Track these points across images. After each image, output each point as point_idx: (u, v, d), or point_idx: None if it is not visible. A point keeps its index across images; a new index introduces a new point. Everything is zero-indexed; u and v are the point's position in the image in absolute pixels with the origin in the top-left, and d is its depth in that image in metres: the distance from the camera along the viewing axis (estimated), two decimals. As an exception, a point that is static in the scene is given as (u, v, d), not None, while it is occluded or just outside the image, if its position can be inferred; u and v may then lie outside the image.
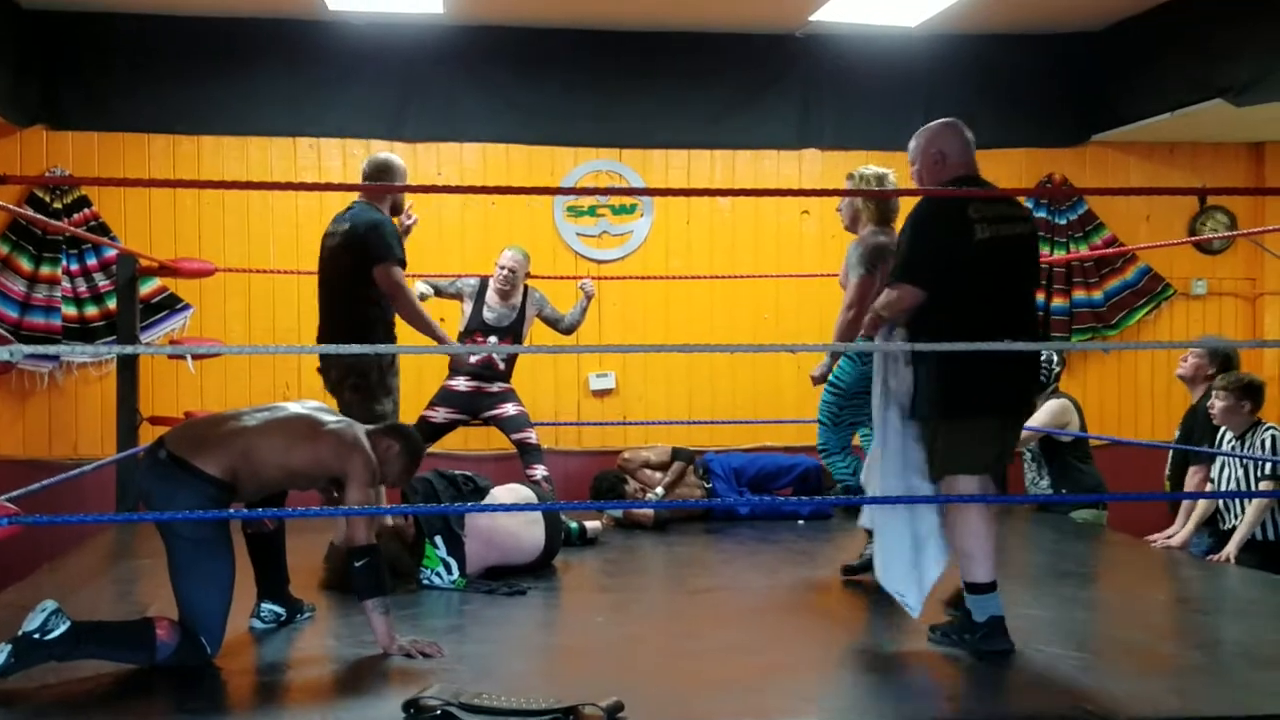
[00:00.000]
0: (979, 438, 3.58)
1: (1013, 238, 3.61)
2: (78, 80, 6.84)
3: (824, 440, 4.91)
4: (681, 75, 7.27)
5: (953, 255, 3.54)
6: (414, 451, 3.85)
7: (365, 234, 4.76)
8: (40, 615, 3.22)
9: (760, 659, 3.71)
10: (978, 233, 3.53)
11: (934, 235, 3.59)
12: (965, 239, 3.53)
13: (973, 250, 3.53)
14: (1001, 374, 3.55)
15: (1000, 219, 3.59)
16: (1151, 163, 7.64)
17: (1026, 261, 3.72)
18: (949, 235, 3.55)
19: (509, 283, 6.06)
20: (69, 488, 4.93)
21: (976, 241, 3.53)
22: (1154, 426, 7.60)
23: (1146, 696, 3.13)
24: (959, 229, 3.53)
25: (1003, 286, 3.61)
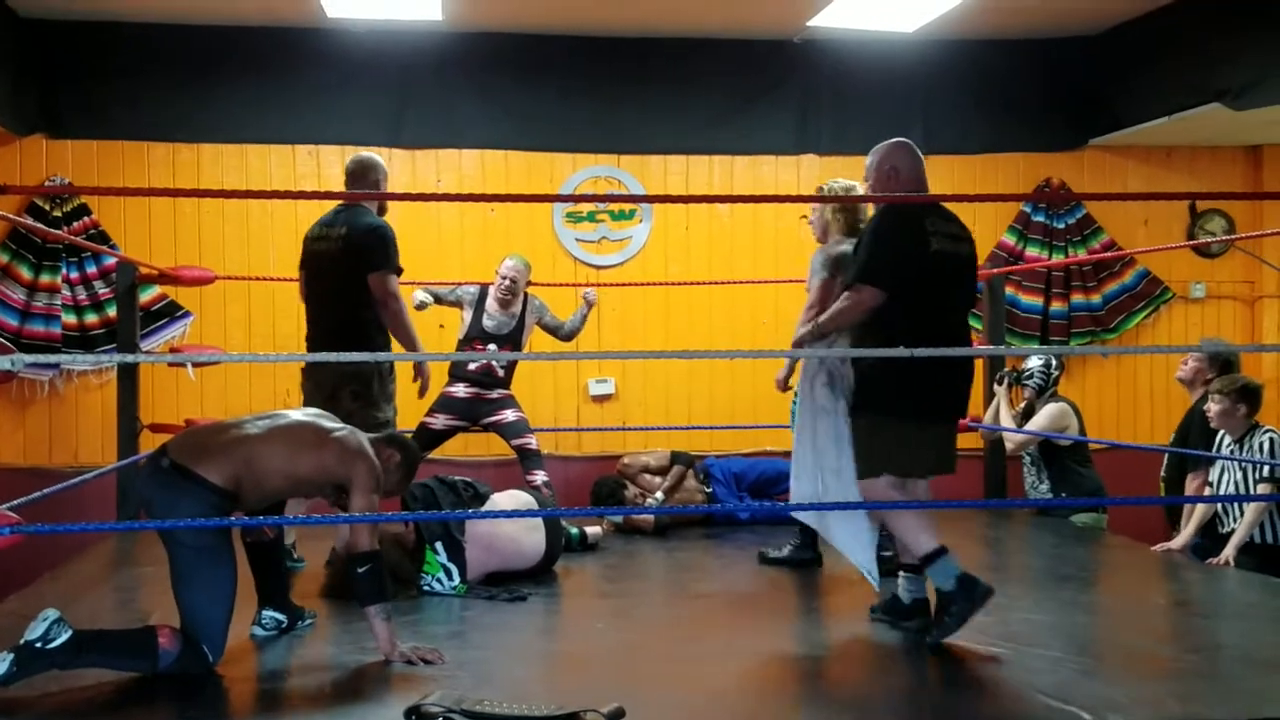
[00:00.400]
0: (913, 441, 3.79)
1: (959, 255, 3.85)
2: (77, 89, 6.85)
3: None
4: (680, 81, 7.28)
5: (910, 263, 3.73)
6: (412, 461, 3.88)
7: (365, 238, 4.73)
8: (42, 624, 3.23)
9: (762, 664, 3.71)
10: (933, 244, 3.74)
11: (895, 242, 3.76)
12: (922, 249, 3.73)
13: (928, 261, 3.73)
14: (940, 381, 3.76)
15: (951, 236, 3.82)
16: (1149, 167, 7.65)
17: (968, 278, 3.96)
18: (908, 243, 3.74)
19: (510, 292, 6.07)
20: (70, 496, 4.93)
21: (932, 253, 3.74)
22: (1153, 430, 7.61)
23: (1147, 700, 3.14)
24: (917, 239, 3.73)
25: (947, 298, 3.84)
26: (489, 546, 4.66)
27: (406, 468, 3.85)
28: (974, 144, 7.52)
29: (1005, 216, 7.61)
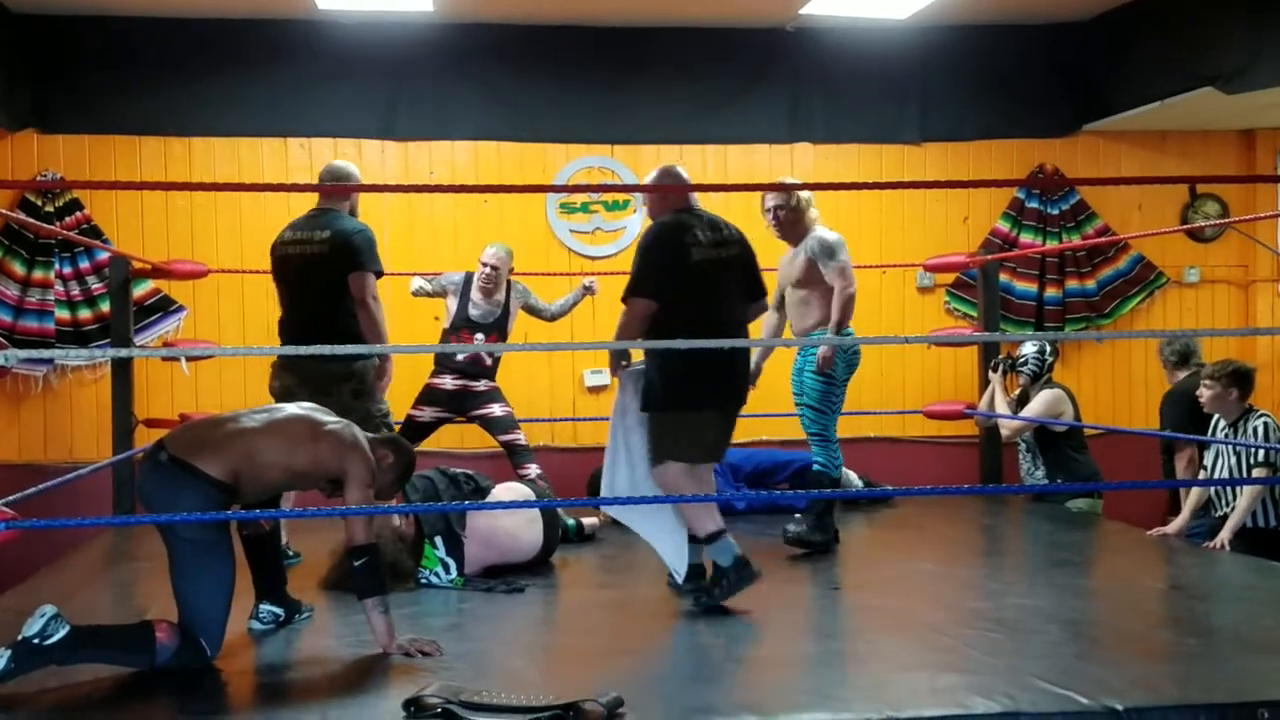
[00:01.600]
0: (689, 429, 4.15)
1: (723, 260, 4.23)
2: (68, 83, 6.83)
3: (822, 426, 5.15)
4: (673, 70, 7.27)
5: (673, 274, 4.13)
6: (406, 465, 3.87)
7: (351, 240, 4.83)
8: (39, 620, 3.22)
9: (759, 652, 3.73)
10: (693, 255, 4.15)
11: (658, 257, 4.18)
12: (682, 261, 4.13)
13: (690, 270, 4.14)
14: (708, 375, 4.13)
15: (713, 244, 4.22)
16: (1143, 151, 7.65)
17: (739, 279, 4.32)
18: (670, 257, 4.15)
19: (492, 281, 6.04)
20: (65, 491, 4.93)
21: (693, 263, 4.14)
22: (1148, 415, 7.60)
23: (1143, 683, 3.14)
24: (678, 253, 4.14)
25: (715, 301, 4.20)
26: (488, 542, 4.66)
27: (400, 469, 3.83)
28: (968, 130, 7.52)
29: (999, 203, 7.60)
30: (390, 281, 6.45)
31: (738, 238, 4.38)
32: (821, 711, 2.95)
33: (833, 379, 5.11)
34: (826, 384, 5.11)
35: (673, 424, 4.16)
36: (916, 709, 2.95)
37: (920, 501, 6.55)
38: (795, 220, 5.15)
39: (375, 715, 2.96)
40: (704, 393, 4.16)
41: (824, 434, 5.17)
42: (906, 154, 7.47)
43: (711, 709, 3.00)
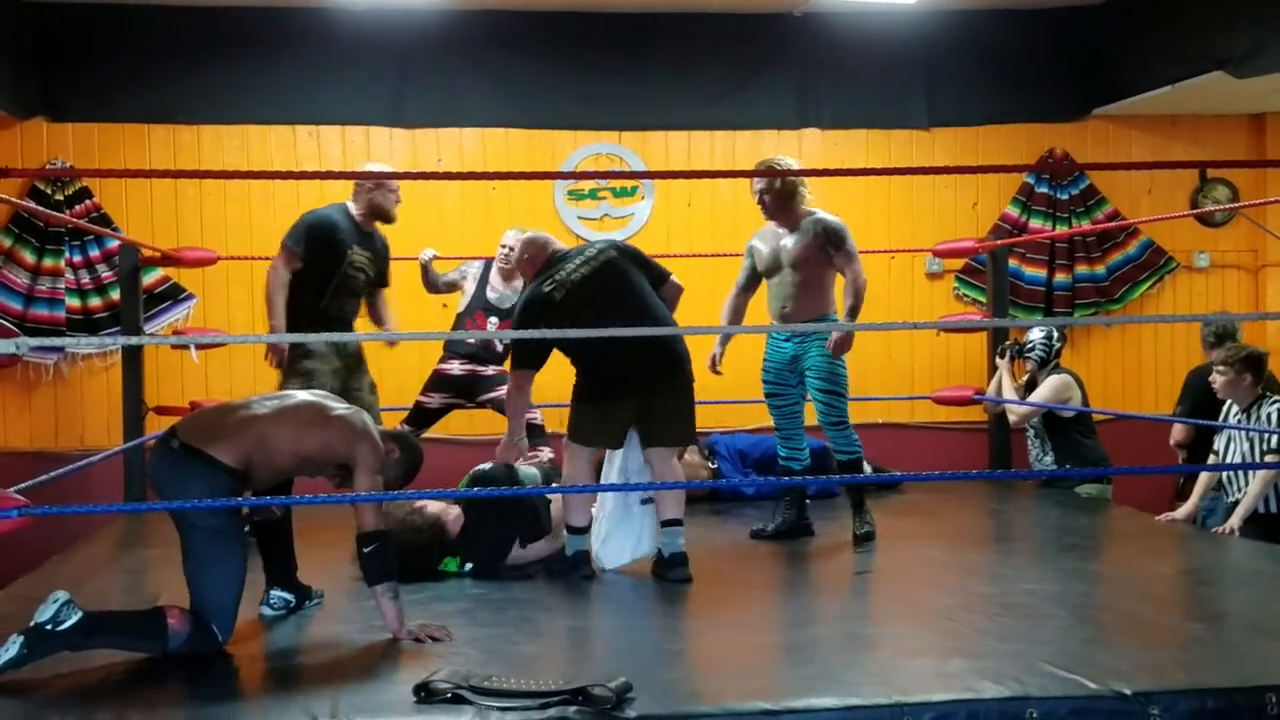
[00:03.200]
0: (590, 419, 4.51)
1: (585, 278, 4.47)
2: (77, 72, 6.84)
3: (840, 412, 5.11)
4: (681, 56, 7.25)
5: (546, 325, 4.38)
6: (412, 463, 3.86)
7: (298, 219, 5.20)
8: (52, 606, 3.25)
9: (768, 639, 3.73)
10: (556, 296, 4.43)
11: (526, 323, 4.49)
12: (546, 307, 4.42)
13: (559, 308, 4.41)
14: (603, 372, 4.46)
15: (569, 274, 4.48)
16: (1153, 136, 7.62)
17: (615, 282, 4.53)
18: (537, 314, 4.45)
19: (510, 261, 6.04)
20: (76, 479, 4.96)
21: (560, 301, 4.42)
22: (1158, 400, 7.60)
23: (1152, 668, 3.15)
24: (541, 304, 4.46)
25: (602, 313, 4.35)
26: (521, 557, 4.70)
27: (406, 466, 3.84)
28: (976, 115, 7.49)
29: (1008, 188, 7.58)
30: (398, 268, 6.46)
31: (602, 249, 4.62)
32: (830, 696, 2.95)
33: (842, 363, 5.06)
34: (843, 367, 5.06)
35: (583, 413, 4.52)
36: (925, 694, 2.96)
37: (929, 487, 6.55)
38: (782, 203, 5.05)
39: (386, 700, 2.97)
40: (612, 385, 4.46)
41: (843, 419, 5.10)
42: (915, 139, 7.45)
43: (720, 694, 3.01)
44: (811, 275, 5.05)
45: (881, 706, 2.90)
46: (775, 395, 5.24)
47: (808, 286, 5.06)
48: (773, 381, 5.23)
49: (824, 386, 5.05)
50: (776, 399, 5.24)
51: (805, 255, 5.03)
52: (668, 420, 4.55)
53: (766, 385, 5.26)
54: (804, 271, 5.04)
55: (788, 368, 5.17)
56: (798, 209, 5.08)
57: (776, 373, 5.21)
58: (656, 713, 2.85)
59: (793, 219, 5.08)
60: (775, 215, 5.12)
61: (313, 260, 5.13)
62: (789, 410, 5.23)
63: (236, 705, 3.02)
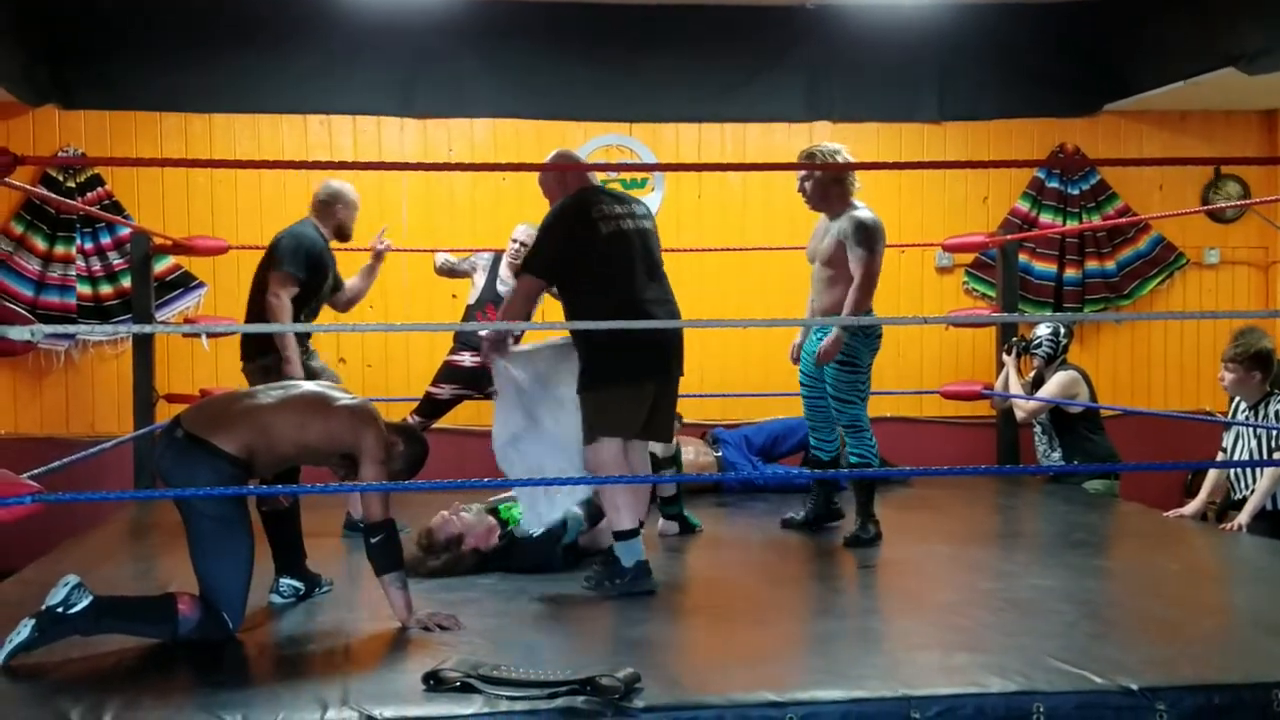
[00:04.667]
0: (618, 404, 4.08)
1: (638, 231, 4.20)
2: (89, 59, 6.85)
3: (853, 417, 4.99)
4: (692, 49, 7.24)
5: (580, 248, 4.09)
6: (416, 457, 3.85)
7: (280, 241, 5.12)
8: (63, 590, 3.27)
9: (775, 631, 3.74)
10: (602, 229, 4.09)
11: (558, 234, 4.14)
12: (590, 234, 4.08)
13: (599, 245, 4.08)
14: (633, 347, 4.04)
15: (621, 216, 4.17)
16: (1164, 132, 7.60)
17: (652, 247, 4.27)
18: (573, 233, 4.11)
19: (519, 256, 6.06)
20: (87, 466, 4.97)
21: (603, 236, 4.08)
22: (1166, 396, 7.61)
23: (1159, 664, 3.15)
24: (583, 227, 4.10)
25: (630, 272, 4.14)
26: None
27: (410, 459, 3.82)
28: (988, 110, 7.48)
29: (1019, 183, 7.57)
30: (408, 259, 6.52)
31: (647, 211, 4.36)
32: (836, 689, 2.96)
33: (857, 366, 4.92)
34: (851, 372, 4.90)
35: (604, 400, 4.10)
36: (931, 688, 2.96)
37: (936, 482, 6.55)
38: (823, 193, 4.92)
39: (395, 688, 2.99)
40: (635, 366, 4.09)
41: (857, 423, 4.97)
42: (926, 133, 7.44)
43: (726, 685, 3.01)
44: (837, 273, 4.89)
45: (888, 700, 2.91)
46: (805, 385, 5.17)
47: (834, 283, 4.91)
48: (805, 372, 5.15)
49: (833, 390, 4.96)
50: (806, 389, 5.17)
51: (831, 252, 4.90)
52: (664, 414, 4.32)
53: (801, 374, 5.19)
54: (830, 267, 4.92)
55: (806, 362, 5.14)
56: (838, 200, 4.92)
57: (807, 363, 5.12)
58: (664, 703, 2.86)
59: (835, 209, 4.93)
60: (817, 205, 5.00)
61: (304, 284, 5.12)
62: (815, 401, 5.14)
63: (247, 692, 3.04)
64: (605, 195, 4.26)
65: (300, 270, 5.08)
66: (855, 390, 4.96)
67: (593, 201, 4.16)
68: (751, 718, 2.84)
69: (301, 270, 5.08)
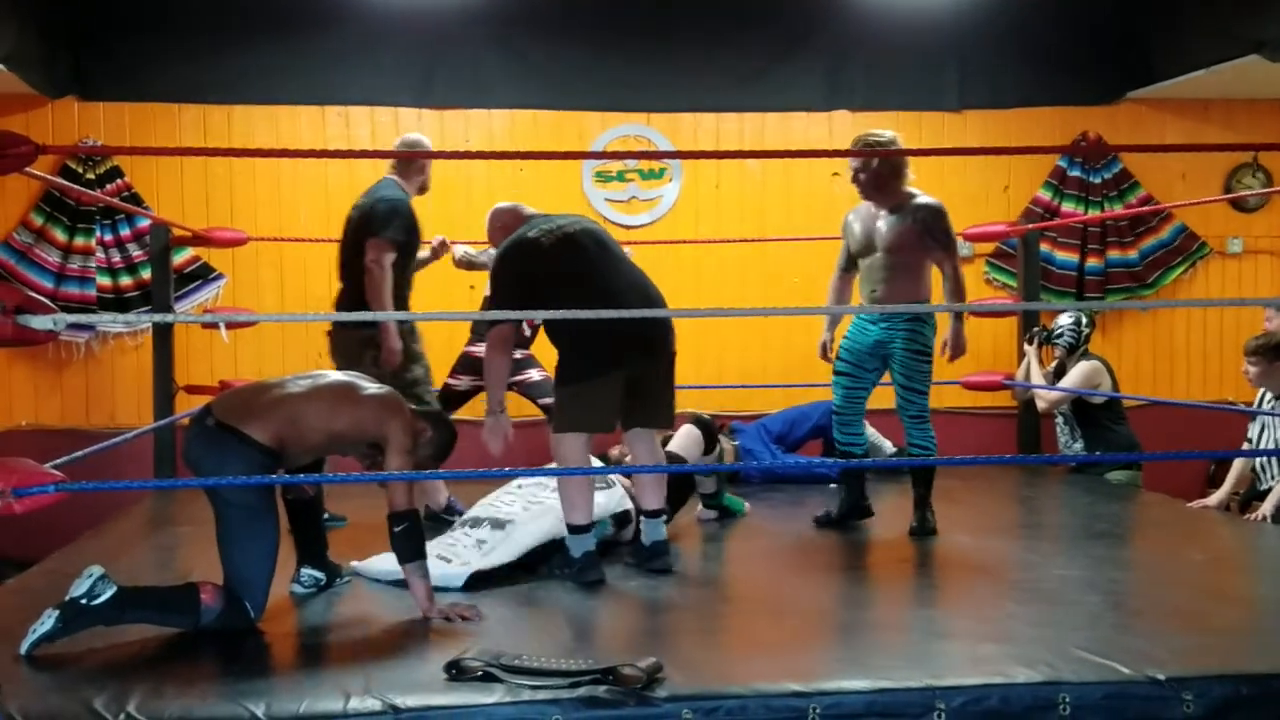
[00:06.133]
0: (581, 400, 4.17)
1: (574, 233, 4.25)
2: (108, 50, 6.85)
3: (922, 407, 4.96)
4: (710, 37, 7.21)
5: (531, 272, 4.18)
6: (445, 442, 3.84)
7: (374, 207, 4.99)
8: (87, 581, 3.28)
9: (799, 622, 3.72)
10: (543, 242, 4.19)
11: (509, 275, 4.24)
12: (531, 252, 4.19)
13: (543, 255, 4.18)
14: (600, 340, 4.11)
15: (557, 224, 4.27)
16: (1186, 120, 7.53)
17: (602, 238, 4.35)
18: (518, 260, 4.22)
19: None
20: (107, 457, 4.98)
21: (544, 248, 4.18)
22: (1189, 386, 7.55)
23: (1186, 654, 3.12)
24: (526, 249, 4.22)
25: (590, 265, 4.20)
26: None
27: (439, 445, 3.81)
28: (1008, 98, 7.42)
29: (1040, 172, 7.52)
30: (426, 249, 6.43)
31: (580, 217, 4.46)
32: (861, 680, 2.95)
33: (930, 354, 4.88)
34: (927, 361, 4.86)
35: (568, 395, 4.21)
36: (957, 678, 2.95)
37: (958, 473, 6.51)
38: (881, 182, 4.81)
39: (417, 677, 2.98)
40: (601, 359, 4.14)
41: (925, 413, 4.92)
42: (946, 121, 7.39)
43: (750, 675, 3.00)
44: (906, 261, 4.80)
45: (913, 690, 2.89)
46: (848, 376, 4.99)
47: (902, 272, 4.81)
48: (849, 362, 4.98)
49: (908, 381, 4.86)
50: (848, 379, 4.99)
51: (902, 240, 4.79)
52: (653, 400, 4.32)
53: (841, 364, 5.01)
54: (899, 256, 4.81)
55: (869, 351, 4.93)
56: (898, 189, 4.82)
57: (856, 354, 4.96)
58: (686, 692, 2.85)
59: (891, 199, 4.84)
60: (871, 195, 4.89)
61: (401, 248, 5.04)
62: (857, 394, 5.00)
63: (270, 681, 3.04)
64: (537, 218, 4.38)
65: (400, 234, 4.99)
66: (929, 379, 4.92)
67: (527, 228, 4.28)
68: (775, 708, 2.83)
69: (401, 234, 4.99)
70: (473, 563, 4.12)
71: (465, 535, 4.35)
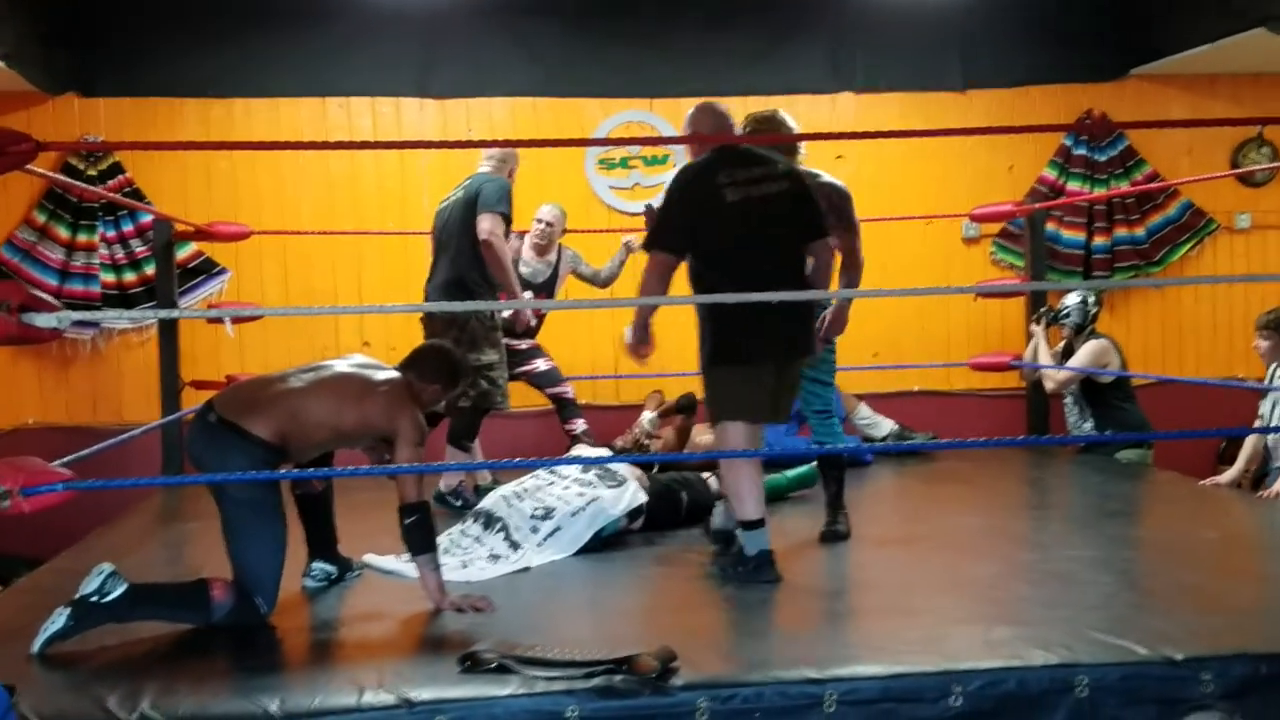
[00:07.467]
0: (742, 386, 3.90)
1: (765, 198, 3.88)
2: (108, 47, 6.83)
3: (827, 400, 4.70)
4: (710, 21, 7.16)
5: (700, 220, 3.87)
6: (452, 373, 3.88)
7: (483, 187, 5.18)
8: (97, 578, 3.27)
9: (811, 607, 3.71)
10: (727, 195, 3.84)
11: (681, 203, 3.91)
12: (714, 203, 3.84)
13: (721, 213, 3.84)
14: (759, 325, 3.84)
15: (751, 181, 3.88)
16: (1192, 96, 7.49)
17: (786, 216, 3.94)
18: (696, 202, 3.88)
19: (546, 237, 6.05)
20: (114, 454, 4.97)
21: (727, 204, 3.84)
22: (1198, 363, 7.52)
23: (1203, 634, 3.10)
24: (705, 195, 3.86)
25: (754, 243, 3.87)
26: None
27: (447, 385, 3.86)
28: (1013, 76, 7.37)
29: (1045, 150, 7.48)
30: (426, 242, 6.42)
31: (783, 172, 3.99)
32: (876, 665, 2.93)
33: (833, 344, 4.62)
34: (832, 351, 4.63)
35: (725, 381, 3.94)
36: (973, 661, 2.93)
37: (966, 455, 6.49)
38: None
39: (431, 670, 2.97)
40: (754, 346, 3.89)
41: (830, 408, 4.70)
42: (950, 101, 7.35)
43: (765, 663, 2.99)
44: None
45: (929, 675, 2.88)
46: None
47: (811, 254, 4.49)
48: None
49: (816, 374, 4.56)
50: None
51: None
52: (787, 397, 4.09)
53: None
54: None
55: None
56: None
57: None
58: (702, 681, 2.84)
59: None
60: None
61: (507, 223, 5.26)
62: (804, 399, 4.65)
63: (283, 676, 3.03)
64: (737, 157, 3.94)
65: (509, 209, 5.19)
66: (834, 370, 4.72)
67: (717, 165, 3.90)
68: (791, 695, 2.82)
69: (509, 208, 5.19)
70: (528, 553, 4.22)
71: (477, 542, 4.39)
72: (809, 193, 4.04)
